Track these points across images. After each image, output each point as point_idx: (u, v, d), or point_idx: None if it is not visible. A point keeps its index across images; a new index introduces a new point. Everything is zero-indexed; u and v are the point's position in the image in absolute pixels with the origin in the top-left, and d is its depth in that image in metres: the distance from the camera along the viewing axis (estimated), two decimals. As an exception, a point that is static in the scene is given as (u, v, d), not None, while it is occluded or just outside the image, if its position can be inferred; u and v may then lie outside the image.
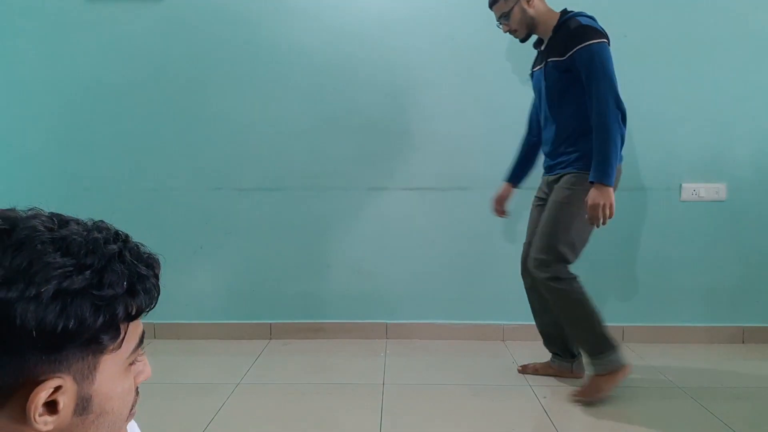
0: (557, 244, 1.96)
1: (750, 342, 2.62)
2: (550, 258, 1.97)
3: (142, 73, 2.57)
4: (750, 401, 2.03)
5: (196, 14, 2.54)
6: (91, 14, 2.54)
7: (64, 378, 0.47)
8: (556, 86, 2.00)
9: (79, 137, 2.60)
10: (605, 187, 1.84)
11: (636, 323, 2.64)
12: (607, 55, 1.87)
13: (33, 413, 0.46)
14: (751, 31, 2.50)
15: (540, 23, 2.03)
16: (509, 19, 2.03)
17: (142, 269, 0.52)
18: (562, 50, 1.94)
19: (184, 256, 2.64)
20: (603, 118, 1.85)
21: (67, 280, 0.45)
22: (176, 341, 2.62)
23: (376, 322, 2.68)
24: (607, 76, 1.86)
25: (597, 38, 1.87)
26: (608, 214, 1.86)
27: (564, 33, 1.95)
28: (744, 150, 2.55)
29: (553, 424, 1.85)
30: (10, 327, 0.43)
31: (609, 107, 1.85)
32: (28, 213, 0.50)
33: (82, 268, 0.47)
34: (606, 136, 1.85)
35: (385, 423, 1.86)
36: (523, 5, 2.00)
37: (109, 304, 0.48)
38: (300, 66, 2.56)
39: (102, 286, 0.47)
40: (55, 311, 0.45)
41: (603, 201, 1.84)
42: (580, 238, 1.99)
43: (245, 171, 2.62)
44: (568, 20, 1.96)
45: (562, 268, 1.97)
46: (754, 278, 2.61)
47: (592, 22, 1.94)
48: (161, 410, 1.93)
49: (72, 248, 0.47)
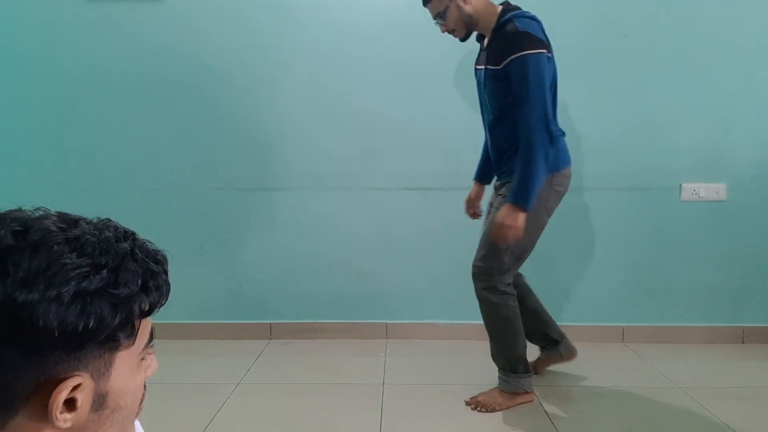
0: (499, 253, 1.90)
1: (750, 342, 2.62)
2: (490, 267, 1.93)
3: (142, 73, 2.57)
4: (750, 401, 2.03)
5: (196, 14, 2.54)
6: (92, 14, 2.53)
7: (82, 376, 0.48)
8: (495, 94, 1.89)
9: (79, 137, 2.60)
10: (518, 210, 1.77)
11: (636, 323, 2.64)
12: (542, 68, 1.74)
13: (54, 411, 0.47)
14: (751, 31, 2.50)
15: (479, 20, 1.88)
16: (445, 19, 1.88)
17: (153, 266, 0.53)
18: (498, 58, 1.81)
19: (184, 256, 2.64)
20: (528, 138, 1.76)
21: (85, 281, 0.46)
22: (176, 341, 2.61)
23: (376, 322, 2.68)
24: (539, 92, 1.74)
25: (533, 48, 1.74)
26: (512, 237, 1.79)
27: (501, 38, 1.81)
28: (744, 150, 2.55)
29: (553, 424, 1.85)
30: (33, 328, 0.44)
31: (535, 128, 1.74)
32: (38, 213, 0.50)
33: (98, 268, 0.48)
34: (529, 158, 1.76)
35: (385, 423, 1.86)
36: (458, 3, 1.84)
37: (125, 302, 0.49)
38: (300, 66, 2.56)
39: (118, 284, 0.48)
40: (76, 311, 0.45)
41: (511, 223, 1.77)
42: (523, 247, 1.92)
43: (245, 171, 2.62)
44: (506, 22, 1.81)
45: (501, 280, 1.93)
46: (754, 278, 2.61)
47: (531, 26, 1.79)
48: (161, 410, 1.92)
49: (86, 248, 0.48)
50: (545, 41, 1.81)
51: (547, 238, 2.61)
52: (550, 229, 2.60)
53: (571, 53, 2.53)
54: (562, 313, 2.65)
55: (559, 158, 1.89)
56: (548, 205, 1.91)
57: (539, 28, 1.82)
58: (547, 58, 1.78)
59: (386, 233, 2.65)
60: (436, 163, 2.60)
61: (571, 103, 2.54)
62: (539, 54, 1.74)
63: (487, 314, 1.99)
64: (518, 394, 1.97)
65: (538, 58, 1.74)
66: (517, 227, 1.78)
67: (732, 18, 2.49)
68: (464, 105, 2.57)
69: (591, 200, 2.59)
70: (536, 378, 2.20)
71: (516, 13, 1.83)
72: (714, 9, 2.49)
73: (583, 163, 2.57)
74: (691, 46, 2.51)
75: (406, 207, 2.62)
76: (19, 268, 0.44)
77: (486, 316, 2.00)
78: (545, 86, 1.75)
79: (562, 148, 1.92)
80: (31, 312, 0.44)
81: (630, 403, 2.01)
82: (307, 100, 2.58)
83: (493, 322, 1.99)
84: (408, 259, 2.65)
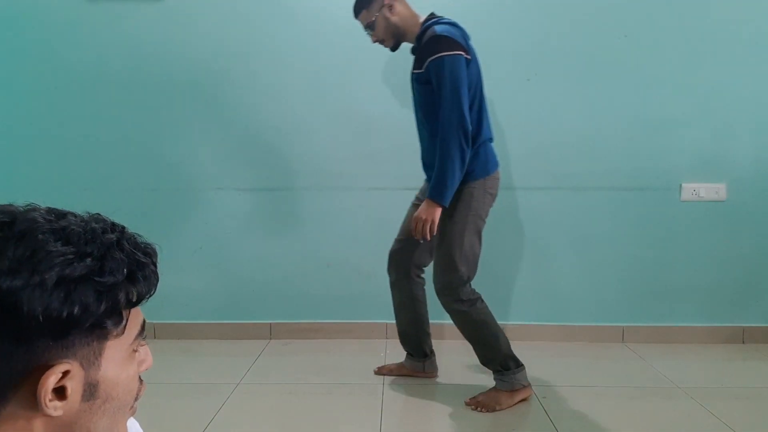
0: (456, 264, 1.92)
1: (750, 342, 2.62)
2: (450, 281, 1.94)
3: (142, 73, 2.57)
4: (750, 401, 2.03)
5: (196, 14, 2.54)
6: (92, 14, 2.53)
7: (71, 363, 0.49)
8: (421, 98, 1.96)
9: (79, 137, 2.60)
10: (435, 205, 1.84)
11: (636, 323, 2.64)
12: (459, 69, 1.80)
13: (44, 397, 0.47)
14: (751, 31, 2.50)
15: (406, 30, 1.96)
16: (374, 29, 1.97)
17: (141, 257, 0.53)
18: (420, 62, 1.88)
19: (184, 256, 2.64)
20: (444, 136, 1.81)
21: (69, 268, 0.47)
22: (176, 341, 2.61)
23: (376, 322, 2.68)
24: (454, 92, 1.79)
25: (450, 50, 1.80)
26: (428, 231, 1.85)
27: (422, 43, 1.89)
28: (744, 150, 2.55)
29: (553, 424, 1.85)
30: (18, 314, 0.45)
31: (451, 126, 1.80)
32: (27, 207, 0.52)
33: (83, 256, 0.48)
34: (445, 155, 1.81)
35: (385, 423, 1.86)
36: (386, 14, 1.92)
37: (110, 290, 0.49)
38: (300, 65, 2.56)
39: (103, 273, 0.49)
40: (60, 297, 0.46)
41: (426, 217, 1.84)
42: (473, 251, 1.96)
43: (245, 171, 2.62)
44: (427, 29, 1.89)
45: (463, 289, 1.95)
46: (754, 278, 2.61)
47: (450, 30, 1.85)
48: (161, 410, 1.92)
49: (72, 238, 0.49)
50: (463, 44, 1.85)
51: (547, 237, 2.63)
52: (550, 229, 2.62)
53: (571, 53, 2.54)
54: (563, 313, 2.65)
55: (489, 162, 1.95)
56: (484, 208, 1.95)
57: (459, 33, 1.88)
58: (465, 60, 1.83)
59: (386, 233, 2.64)
60: (436, 163, 2.60)
61: (571, 103, 2.55)
62: (456, 55, 1.80)
63: (462, 324, 2.01)
64: (516, 390, 1.98)
65: (454, 59, 1.80)
66: (432, 222, 1.85)
67: (732, 18, 2.49)
68: (464, 105, 2.57)
69: (591, 200, 2.59)
70: (536, 378, 2.20)
71: (437, 19, 1.92)
72: (714, 9, 2.49)
73: (583, 163, 2.58)
74: (691, 46, 2.51)
75: (406, 207, 2.61)
76: (4, 256, 0.45)
77: (461, 327, 2.01)
78: (461, 86, 1.80)
79: (490, 152, 1.98)
80: (15, 298, 0.45)
81: (630, 403, 2.01)
82: (307, 100, 2.58)
83: (470, 330, 2.01)
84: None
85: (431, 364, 2.22)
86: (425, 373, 2.22)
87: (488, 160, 1.95)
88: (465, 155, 1.83)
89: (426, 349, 2.21)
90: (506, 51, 2.54)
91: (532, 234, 2.63)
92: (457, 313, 1.98)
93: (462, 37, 1.88)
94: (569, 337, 2.64)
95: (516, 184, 2.59)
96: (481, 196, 1.92)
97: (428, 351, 2.22)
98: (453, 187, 1.84)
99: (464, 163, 1.84)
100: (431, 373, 2.22)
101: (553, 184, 2.59)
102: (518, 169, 2.59)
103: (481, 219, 1.95)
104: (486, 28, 2.54)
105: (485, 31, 2.53)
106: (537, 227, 2.62)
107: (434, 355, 2.23)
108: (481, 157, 1.92)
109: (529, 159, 2.58)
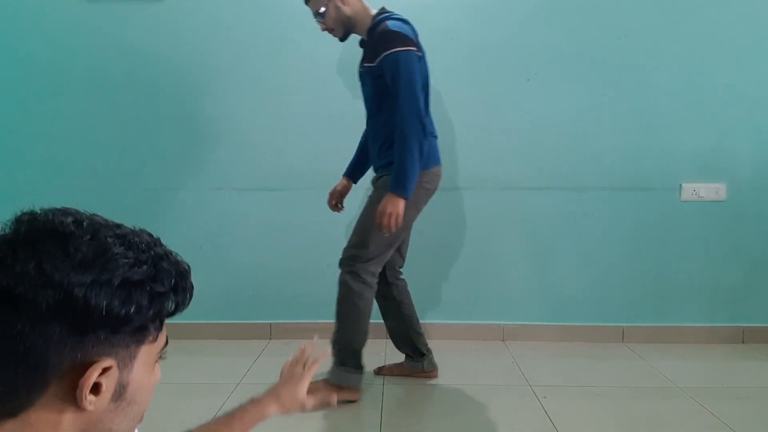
0: (367, 242, 1.96)
1: (750, 342, 2.62)
2: (356, 254, 1.98)
3: (142, 73, 2.57)
4: (750, 401, 2.03)
5: (196, 14, 2.54)
6: (91, 14, 2.53)
7: (113, 361, 0.52)
8: (371, 92, 1.97)
9: (79, 137, 2.60)
10: (398, 198, 1.85)
11: (636, 323, 2.64)
12: (412, 65, 1.82)
13: (85, 390, 0.49)
14: (751, 31, 2.50)
15: (357, 23, 1.96)
16: (324, 18, 1.95)
17: (183, 270, 0.58)
18: (372, 55, 1.89)
19: (184, 256, 2.62)
20: (402, 129, 1.83)
21: (131, 271, 0.51)
22: (176, 341, 2.58)
23: (375, 322, 2.67)
24: (410, 86, 1.81)
25: (404, 46, 1.82)
26: (394, 224, 1.86)
27: (375, 37, 1.90)
28: (744, 150, 2.55)
29: (553, 424, 1.85)
30: (84, 306, 0.48)
31: (409, 119, 1.82)
32: (86, 212, 0.55)
33: (141, 263, 0.52)
34: (404, 148, 1.83)
35: (385, 423, 1.86)
36: (337, 3, 1.91)
37: (160, 297, 0.53)
38: (300, 65, 2.56)
39: (156, 280, 0.53)
40: (121, 297, 0.50)
41: (391, 210, 1.85)
42: (390, 238, 1.96)
43: (245, 171, 2.62)
44: (379, 23, 1.90)
45: (365, 267, 1.97)
46: (754, 278, 2.61)
47: (402, 27, 1.87)
48: (161, 410, 1.92)
49: (132, 245, 0.53)
50: (415, 41, 1.88)
51: (547, 237, 2.63)
52: (550, 229, 2.62)
53: (571, 53, 2.54)
54: (563, 313, 2.65)
55: (429, 158, 1.96)
56: (417, 201, 1.96)
57: (410, 30, 1.90)
58: (417, 57, 1.86)
59: (386, 233, 2.64)
60: (436, 163, 2.60)
61: (571, 103, 2.55)
62: (409, 51, 1.83)
63: (341, 299, 2.01)
64: (342, 388, 1.96)
65: (408, 55, 1.82)
66: (398, 215, 1.86)
67: (732, 18, 2.49)
68: (462, 106, 2.57)
69: (591, 200, 2.59)
70: (536, 378, 2.21)
71: (388, 14, 1.93)
72: (714, 9, 2.49)
73: (583, 163, 2.58)
74: (691, 46, 2.51)
75: (406, 207, 2.62)
76: (79, 251, 0.49)
77: (339, 301, 2.02)
78: (416, 81, 1.83)
79: (432, 148, 2.00)
80: (84, 292, 0.48)
81: (630, 403, 2.00)
82: (307, 100, 2.58)
83: (344, 308, 2.01)
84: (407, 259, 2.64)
85: (430, 363, 2.22)
86: (425, 372, 2.22)
87: (429, 155, 1.96)
88: (423, 148, 1.86)
89: (422, 349, 2.21)
90: (506, 51, 2.54)
91: (532, 234, 2.63)
92: (343, 284, 2.00)
93: (413, 33, 1.91)
94: (569, 337, 2.64)
95: (516, 184, 2.59)
96: (416, 188, 1.91)
97: (424, 350, 2.22)
98: (414, 179, 1.86)
99: (422, 155, 1.87)
100: (431, 372, 2.22)
101: (553, 184, 2.59)
102: (518, 169, 2.59)
103: (407, 209, 1.91)
104: (486, 28, 2.54)
105: (485, 31, 2.54)
106: (537, 227, 2.62)
107: (431, 353, 2.23)
108: (423, 151, 1.92)
109: (529, 159, 2.58)
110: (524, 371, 2.28)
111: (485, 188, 2.59)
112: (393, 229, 1.88)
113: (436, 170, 2.01)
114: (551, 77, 2.54)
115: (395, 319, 2.20)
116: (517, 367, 2.33)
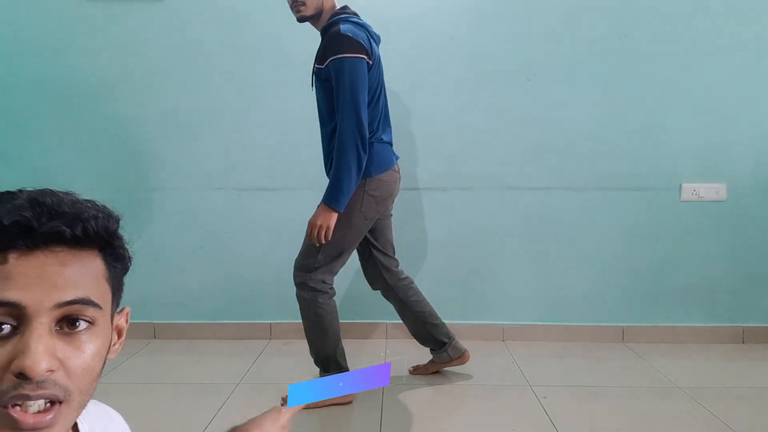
0: (313, 252, 1.93)
1: (750, 342, 2.62)
2: (304, 265, 1.97)
3: (142, 73, 2.57)
4: (750, 401, 2.03)
5: (195, 14, 2.54)
6: (91, 14, 2.53)
7: None
8: (320, 94, 1.91)
9: (79, 137, 2.60)
10: (330, 210, 1.82)
11: (636, 323, 2.64)
12: (358, 73, 1.77)
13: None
14: (751, 31, 2.50)
15: (323, 13, 1.89)
16: None
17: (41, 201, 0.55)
18: (322, 57, 1.84)
19: (184, 256, 2.64)
20: (340, 140, 1.80)
21: None
22: (176, 341, 2.61)
23: (376, 322, 2.68)
24: (351, 95, 1.77)
25: (352, 52, 1.76)
26: (323, 236, 1.83)
27: (326, 38, 1.84)
28: (744, 150, 2.55)
29: (553, 424, 1.85)
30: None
31: (348, 131, 1.78)
32: None
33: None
34: (341, 160, 1.80)
35: (385, 423, 1.86)
36: None
37: None
38: (300, 65, 2.56)
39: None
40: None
41: (321, 222, 1.82)
42: (340, 247, 1.94)
43: (245, 171, 2.62)
44: (333, 24, 1.83)
45: (312, 277, 1.95)
46: (754, 278, 2.61)
47: (355, 31, 1.80)
48: (161, 410, 1.93)
49: (33, 197, 0.56)
50: (367, 48, 1.82)
51: (547, 237, 2.63)
52: (550, 229, 2.62)
53: (571, 53, 2.54)
54: (563, 313, 2.65)
55: (373, 164, 1.90)
56: (363, 208, 1.92)
57: (364, 35, 1.83)
58: (366, 64, 1.81)
59: (386, 233, 2.64)
60: (436, 163, 2.60)
61: (571, 103, 2.55)
62: (356, 58, 1.77)
63: (301, 313, 2.01)
64: None
65: (354, 62, 1.77)
66: (328, 227, 1.83)
67: (732, 18, 2.49)
68: (463, 107, 2.57)
69: (591, 200, 2.59)
70: (536, 378, 2.21)
71: (346, 16, 1.86)
72: (714, 9, 2.49)
73: (583, 163, 2.58)
74: (690, 46, 2.51)
75: (407, 206, 2.62)
76: None
77: (301, 315, 2.02)
78: (359, 90, 1.78)
79: (377, 154, 1.93)
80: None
81: (630, 403, 2.00)
82: (306, 101, 2.57)
83: (306, 322, 2.01)
84: (407, 259, 2.64)
85: (455, 349, 2.19)
86: (452, 360, 2.19)
87: (377, 162, 1.91)
88: (362, 161, 1.82)
89: (442, 339, 2.19)
90: (506, 51, 2.54)
91: (532, 234, 2.63)
92: (300, 298, 2.00)
93: (367, 39, 1.84)
94: (569, 338, 2.64)
95: (516, 184, 2.60)
96: (359, 195, 1.89)
97: (445, 339, 2.19)
98: (349, 192, 1.82)
99: (361, 168, 1.83)
100: (458, 358, 2.18)
101: (553, 184, 2.59)
102: (518, 169, 2.59)
103: (353, 217, 1.90)
104: (486, 28, 2.54)
105: (486, 31, 2.54)
106: (537, 227, 2.62)
107: (454, 339, 2.20)
108: (362, 162, 1.86)
109: (529, 159, 2.58)
110: (524, 371, 2.29)
111: (485, 188, 2.59)
112: (323, 241, 1.85)
113: (384, 176, 1.95)
114: (551, 77, 2.54)
115: (408, 319, 2.19)
116: (517, 367, 2.33)
